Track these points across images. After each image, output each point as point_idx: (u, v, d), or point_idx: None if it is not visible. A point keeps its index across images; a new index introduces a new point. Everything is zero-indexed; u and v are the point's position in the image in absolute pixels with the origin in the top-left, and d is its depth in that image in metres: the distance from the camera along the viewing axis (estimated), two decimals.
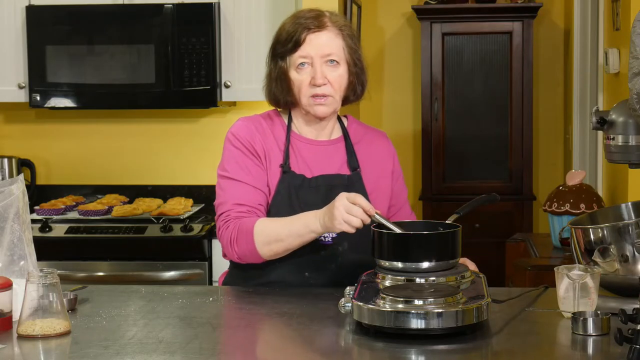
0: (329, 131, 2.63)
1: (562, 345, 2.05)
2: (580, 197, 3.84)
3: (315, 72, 2.50)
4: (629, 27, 3.69)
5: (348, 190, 2.44)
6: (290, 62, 2.52)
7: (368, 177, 2.61)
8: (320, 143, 2.61)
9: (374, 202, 2.57)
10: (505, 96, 5.66)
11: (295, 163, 2.56)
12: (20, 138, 4.68)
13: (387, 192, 2.66)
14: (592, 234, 2.23)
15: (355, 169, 2.60)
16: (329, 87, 2.52)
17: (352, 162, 2.60)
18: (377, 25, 6.03)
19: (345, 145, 2.63)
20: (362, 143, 2.65)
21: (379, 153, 2.67)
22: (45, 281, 2.07)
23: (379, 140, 2.69)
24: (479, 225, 5.46)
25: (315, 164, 2.57)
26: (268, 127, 2.59)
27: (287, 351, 2.04)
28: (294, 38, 2.50)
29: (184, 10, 4.21)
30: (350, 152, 2.61)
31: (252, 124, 2.58)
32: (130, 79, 4.23)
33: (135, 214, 4.18)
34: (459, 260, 2.25)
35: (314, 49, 2.50)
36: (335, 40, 2.53)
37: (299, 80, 2.52)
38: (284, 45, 2.52)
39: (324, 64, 2.51)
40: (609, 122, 2.33)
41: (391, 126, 6.03)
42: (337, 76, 2.53)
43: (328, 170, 2.58)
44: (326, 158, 2.59)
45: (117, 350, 1.98)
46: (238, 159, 2.53)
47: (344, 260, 2.52)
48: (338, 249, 2.52)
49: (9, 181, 2.28)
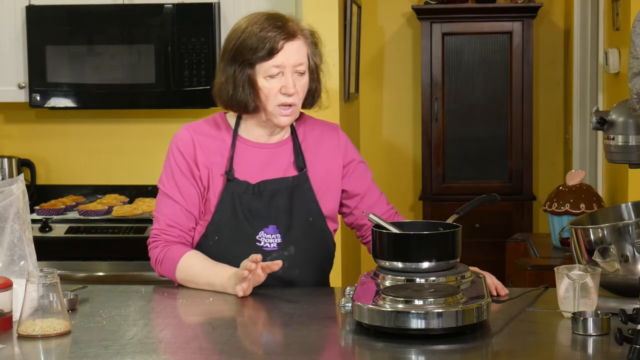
0: (281, 135, 2.61)
1: (562, 345, 2.05)
2: (580, 197, 3.84)
3: (287, 82, 2.48)
4: (629, 27, 3.68)
5: (293, 192, 2.52)
6: (259, 69, 2.49)
7: (315, 176, 2.59)
8: (268, 146, 2.59)
9: (321, 201, 2.58)
10: (505, 96, 5.66)
11: (240, 169, 2.55)
12: (20, 138, 4.68)
13: (337, 188, 2.64)
14: (592, 234, 2.23)
15: (301, 169, 2.59)
16: (297, 97, 2.51)
17: (298, 162, 2.59)
18: (377, 25, 6.02)
19: (293, 145, 2.61)
20: (310, 141, 2.63)
21: (327, 149, 2.64)
22: (45, 281, 2.07)
23: (327, 136, 2.65)
24: (479, 225, 5.45)
25: (260, 168, 2.56)
26: (212, 134, 2.58)
27: (287, 351, 2.04)
28: (267, 46, 2.46)
29: (184, 10, 4.21)
30: (297, 153, 2.60)
31: (195, 134, 2.57)
32: (130, 79, 4.24)
33: (135, 214, 4.19)
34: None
35: (287, 58, 2.48)
36: (303, 48, 2.52)
37: (268, 88, 2.49)
38: (255, 52, 2.47)
39: (294, 73, 2.50)
40: (609, 122, 2.33)
41: (391, 126, 6.03)
42: (303, 85, 2.53)
43: (274, 174, 2.56)
44: (272, 161, 2.58)
45: (117, 350, 1.98)
46: (176, 177, 2.56)
47: (291, 265, 2.52)
48: (284, 254, 2.52)
49: (9, 181, 2.28)
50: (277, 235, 2.53)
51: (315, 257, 2.58)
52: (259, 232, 2.53)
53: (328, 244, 2.61)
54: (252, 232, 2.52)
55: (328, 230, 2.60)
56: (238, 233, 2.52)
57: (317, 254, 2.59)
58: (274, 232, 2.53)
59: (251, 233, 2.52)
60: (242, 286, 2.38)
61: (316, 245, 2.58)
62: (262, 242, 2.52)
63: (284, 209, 2.54)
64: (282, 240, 2.53)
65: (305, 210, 2.56)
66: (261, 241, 2.52)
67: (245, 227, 2.52)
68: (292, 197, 2.55)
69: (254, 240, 2.52)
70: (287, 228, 2.54)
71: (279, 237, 2.53)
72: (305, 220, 2.56)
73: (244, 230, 2.52)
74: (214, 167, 2.55)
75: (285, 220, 2.54)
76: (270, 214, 2.53)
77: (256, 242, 2.52)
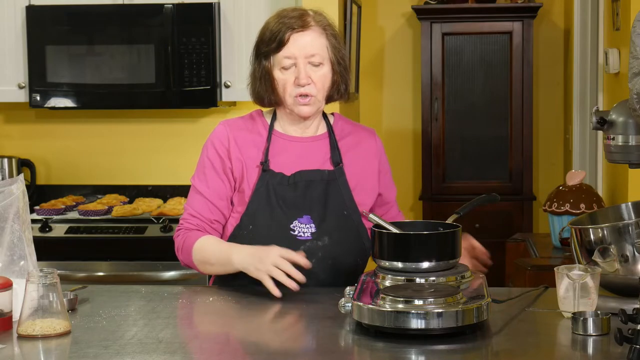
0: (313, 129, 2.64)
1: (562, 345, 2.05)
2: (580, 197, 3.84)
3: (299, 72, 2.52)
4: (629, 27, 3.69)
5: (329, 185, 2.54)
6: (274, 61, 2.54)
7: (352, 172, 2.61)
8: (304, 140, 2.63)
9: (357, 197, 2.60)
10: (505, 96, 5.66)
11: (275, 162, 2.58)
12: (20, 138, 4.68)
13: (372, 189, 2.66)
14: (592, 234, 2.23)
15: (338, 164, 2.61)
16: (313, 87, 2.53)
17: (335, 157, 2.61)
18: (377, 25, 6.02)
19: (330, 141, 2.64)
20: (348, 139, 2.66)
21: (364, 150, 2.67)
22: (45, 281, 2.07)
23: (364, 138, 2.69)
24: (479, 225, 5.45)
25: (296, 160, 2.59)
26: (248, 128, 2.62)
27: (287, 351, 2.04)
28: (277, 37, 2.52)
29: (184, 10, 4.21)
30: (334, 148, 2.62)
31: (231, 129, 2.62)
32: (130, 79, 4.23)
33: (135, 214, 4.19)
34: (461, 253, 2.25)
35: (297, 49, 2.52)
36: (319, 39, 2.54)
37: (283, 80, 2.54)
38: (268, 45, 2.54)
39: (308, 64, 2.53)
40: (609, 122, 2.33)
41: (391, 126, 6.03)
42: (321, 76, 2.54)
43: (309, 166, 2.59)
44: (308, 154, 2.61)
45: (117, 350, 1.98)
46: (206, 171, 2.61)
47: (325, 255, 2.53)
48: (317, 244, 2.53)
49: (9, 181, 2.28)
50: (311, 225, 2.54)
51: (349, 251, 2.58)
52: (293, 222, 2.54)
53: (363, 240, 2.61)
54: (286, 221, 2.54)
55: (363, 226, 2.60)
56: (272, 222, 2.54)
57: (351, 248, 2.59)
58: (308, 222, 2.54)
59: (285, 222, 2.54)
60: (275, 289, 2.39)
61: (351, 239, 2.58)
62: (296, 231, 2.54)
63: (318, 200, 2.56)
64: (316, 230, 2.53)
65: (340, 203, 2.57)
66: (295, 230, 2.54)
67: (279, 216, 2.54)
68: (327, 189, 2.57)
69: (287, 229, 2.53)
70: (321, 219, 2.55)
71: (312, 227, 2.53)
72: (339, 213, 2.57)
73: (278, 219, 2.54)
74: (248, 160, 2.58)
75: (319, 211, 2.55)
76: (305, 204, 2.55)
77: (290, 231, 2.53)
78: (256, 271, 2.39)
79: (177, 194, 4.54)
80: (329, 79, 2.56)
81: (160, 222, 4.08)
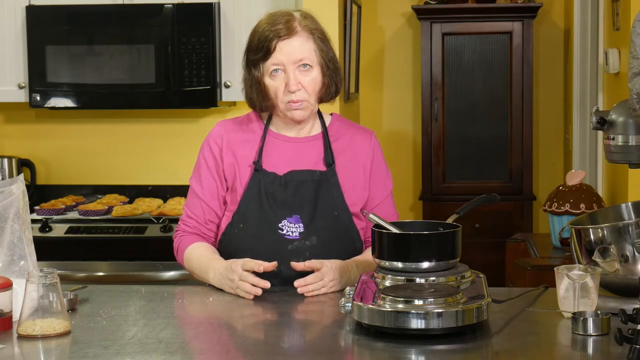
0: (308, 129, 2.66)
1: (562, 345, 2.05)
2: (580, 197, 3.84)
3: (288, 79, 2.53)
4: (629, 27, 3.69)
5: (320, 185, 2.56)
6: (263, 69, 2.56)
7: (343, 173, 2.62)
8: (298, 140, 2.64)
9: (348, 198, 2.61)
10: (505, 96, 5.66)
11: (269, 161, 2.60)
12: (20, 138, 4.68)
13: (363, 189, 2.66)
14: (592, 234, 2.23)
15: (330, 165, 2.61)
16: (303, 92, 2.54)
17: (327, 158, 2.62)
18: (377, 25, 6.02)
19: (323, 141, 2.64)
20: (342, 140, 2.66)
21: (357, 151, 2.66)
22: (45, 281, 2.07)
23: (360, 139, 2.69)
24: (479, 225, 5.46)
25: (289, 160, 2.61)
26: (244, 128, 2.66)
27: (287, 351, 2.04)
28: (264, 46, 2.53)
29: (184, 10, 4.21)
30: (327, 149, 2.63)
31: (226, 129, 2.66)
32: (130, 79, 4.24)
33: (135, 214, 4.19)
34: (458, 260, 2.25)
35: (285, 55, 2.52)
36: (306, 44, 2.55)
37: (274, 86, 2.55)
38: (256, 53, 2.56)
39: (297, 70, 2.54)
40: (609, 122, 2.33)
41: (391, 126, 6.03)
42: (311, 80, 2.55)
43: (302, 166, 2.60)
44: (302, 155, 2.62)
45: (117, 350, 1.98)
46: (201, 171, 2.66)
47: (313, 255, 2.53)
48: (305, 244, 2.54)
49: (9, 181, 2.28)
50: (299, 225, 2.55)
51: (339, 251, 2.57)
52: (282, 221, 2.55)
53: (353, 240, 2.61)
54: (275, 220, 2.55)
55: (354, 227, 2.61)
56: (262, 221, 2.56)
57: (341, 249, 2.59)
58: (297, 222, 2.56)
59: (274, 221, 2.55)
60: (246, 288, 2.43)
61: (340, 239, 2.59)
62: (285, 230, 2.55)
63: (308, 200, 2.57)
64: (304, 229, 2.55)
65: (330, 203, 2.58)
66: (283, 229, 2.55)
67: (269, 215, 2.56)
68: (318, 189, 2.58)
69: (276, 228, 2.55)
70: (310, 218, 2.56)
71: (301, 227, 2.55)
72: (329, 214, 2.58)
73: (268, 218, 2.56)
74: (242, 160, 2.61)
75: (309, 211, 2.56)
76: (295, 204, 2.57)
77: (278, 230, 2.55)
78: (230, 289, 2.47)
79: (177, 194, 4.54)
80: (319, 81, 2.57)
81: (160, 222, 4.08)
